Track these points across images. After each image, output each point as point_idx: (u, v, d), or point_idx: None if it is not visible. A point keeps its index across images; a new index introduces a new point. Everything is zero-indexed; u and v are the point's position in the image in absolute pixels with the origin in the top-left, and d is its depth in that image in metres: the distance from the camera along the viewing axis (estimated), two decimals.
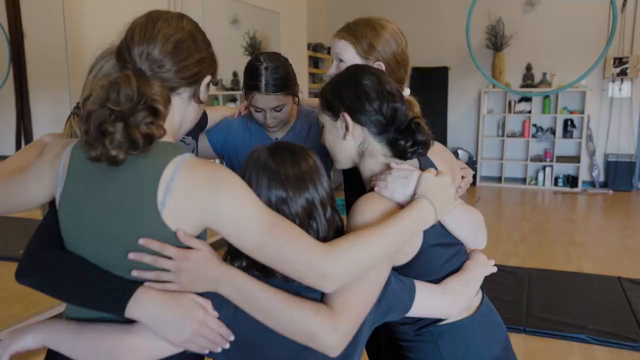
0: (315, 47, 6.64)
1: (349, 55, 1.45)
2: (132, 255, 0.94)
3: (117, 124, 0.92)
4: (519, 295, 3.76)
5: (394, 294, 1.14)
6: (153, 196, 0.93)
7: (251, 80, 1.70)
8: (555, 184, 7.60)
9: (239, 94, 6.92)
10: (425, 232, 1.16)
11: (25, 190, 1.04)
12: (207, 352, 0.99)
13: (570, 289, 3.90)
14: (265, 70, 1.68)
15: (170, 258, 0.94)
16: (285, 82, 1.70)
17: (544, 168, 7.65)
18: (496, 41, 7.53)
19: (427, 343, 1.24)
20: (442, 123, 8.08)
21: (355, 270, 0.99)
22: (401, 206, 1.11)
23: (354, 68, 1.26)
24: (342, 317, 1.00)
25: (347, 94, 1.19)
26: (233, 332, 1.00)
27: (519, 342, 3.16)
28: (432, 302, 1.19)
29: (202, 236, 1.00)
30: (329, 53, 7.00)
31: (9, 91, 4.52)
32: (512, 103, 7.67)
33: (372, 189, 1.17)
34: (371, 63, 1.43)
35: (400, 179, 1.14)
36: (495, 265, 1.36)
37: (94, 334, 0.95)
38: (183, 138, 1.70)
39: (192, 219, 0.95)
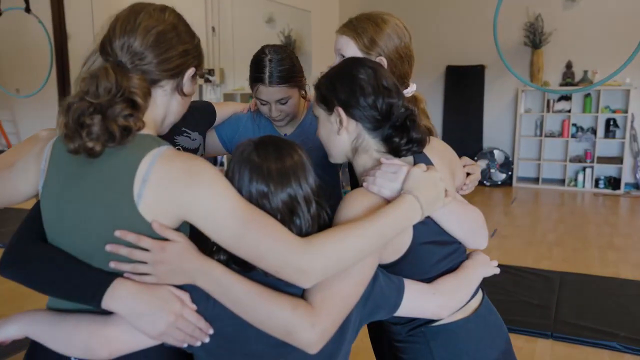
0: None
1: (350, 50, 1.43)
2: (109, 247, 0.94)
3: (95, 117, 0.93)
4: (548, 300, 3.64)
5: (382, 292, 1.11)
6: (129, 188, 0.93)
7: (255, 72, 1.70)
8: (596, 185, 7.33)
9: None
10: (415, 229, 1.13)
11: (13, 184, 1.05)
12: (185, 345, 0.98)
13: (603, 295, 3.74)
14: (270, 62, 1.68)
15: (147, 250, 0.94)
16: (289, 74, 1.69)
17: (584, 169, 7.38)
18: (534, 38, 7.32)
19: (419, 344, 1.20)
20: (478, 123, 7.92)
21: (332, 266, 0.97)
22: (389, 202, 1.08)
23: (351, 61, 1.23)
24: (321, 313, 0.98)
25: (341, 87, 1.17)
26: (212, 325, 0.99)
27: (545, 347, 3.06)
28: (421, 302, 1.15)
29: (182, 229, 0.99)
30: None
31: (52, 90, 4.67)
32: (551, 102, 7.44)
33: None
34: (373, 58, 1.40)
35: (389, 174, 1.11)
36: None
37: (71, 325, 0.96)
38: (189, 134, 1.71)
39: (169, 211, 0.95)
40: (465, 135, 7.97)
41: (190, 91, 1.11)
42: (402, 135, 1.16)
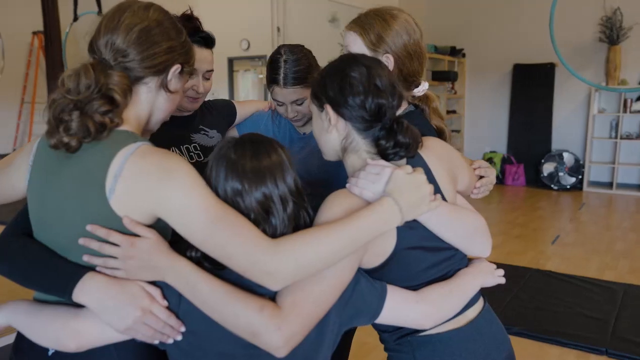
0: None
1: (357, 47, 1.38)
2: (81, 241, 0.96)
3: (74, 113, 0.96)
4: (607, 313, 3.40)
5: (363, 297, 1.07)
6: (102, 182, 0.95)
7: (271, 73, 1.69)
8: None
9: None
10: (400, 233, 1.08)
11: (9, 181, 1.10)
12: (156, 342, 0.99)
13: None
14: (285, 63, 1.66)
15: (117, 245, 0.96)
16: (305, 75, 1.67)
17: None
18: (612, 34, 6.87)
19: (405, 354, 1.14)
20: (546, 123, 7.55)
21: (302, 269, 0.95)
22: None
23: (346, 58, 1.19)
24: (289, 316, 0.95)
25: (331, 85, 1.14)
26: (185, 323, 1.00)
27: None
28: (403, 310, 1.09)
29: (160, 225, 1.00)
30: None
31: None
32: (629, 102, 6.95)
33: None
34: (380, 55, 1.35)
35: (372, 175, 1.06)
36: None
37: (45, 316, 0.99)
38: (206, 131, 1.73)
39: (140, 207, 0.96)
40: (532, 137, 7.63)
41: (176, 88, 1.11)
42: (388, 139, 1.11)
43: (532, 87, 7.56)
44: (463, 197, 1.28)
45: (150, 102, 1.08)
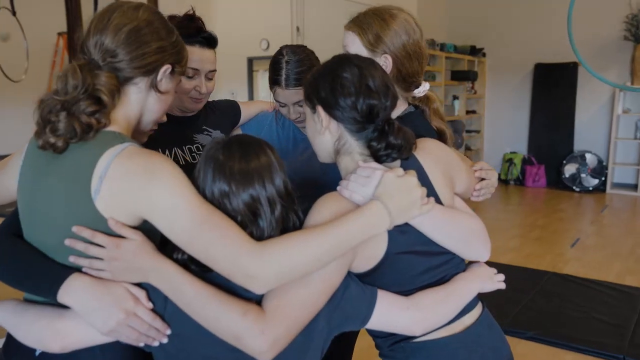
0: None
1: (355, 47, 1.36)
2: (67, 242, 0.96)
3: (61, 113, 0.96)
4: (626, 319, 3.31)
5: (352, 302, 1.05)
6: (87, 184, 0.94)
7: (273, 74, 1.68)
8: None
9: None
10: (391, 238, 1.05)
11: (3, 183, 1.11)
12: (141, 344, 0.98)
13: None
14: (287, 64, 1.65)
15: (102, 246, 0.95)
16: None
17: None
18: (637, 32, 6.70)
19: None
20: (569, 124, 7.39)
21: (285, 273, 0.93)
22: None
23: (339, 58, 1.17)
24: (273, 320, 0.94)
25: (323, 86, 1.12)
26: (170, 326, 0.99)
27: None
28: (393, 316, 1.07)
29: (144, 227, 0.99)
30: (441, 49, 6.75)
31: None
32: None
33: None
34: (378, 55, 1.33)
35: (362, 178, 1.05)
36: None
37: (31, 316, 0.99)
38: (209, 132, 1.72)
39: (125, 208, 0.95)
40: (554, 138, 7.49)
41: (167, 88, 1.10)
42: (380, 140, 1.09)
43: (554, 87, 7.41)
44: (462, 200, 1.25)
45: (140, 103, 1.08)
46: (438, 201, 1.14)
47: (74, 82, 0.97)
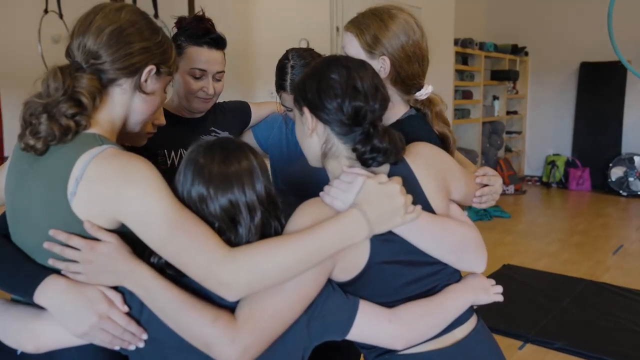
0: (463, 43, 6.26)
1: (353, 48, 1.33)
2: (45, 245, 0.97)
3: (42, 116, 0.97)
4: None
5: (331, 312, 1.02)
6: (64, 186, 0.95)
7: (278, 78, 1.66)
8: None
9: None
10: (373, 247, 1.02)
11: (2, 184, 1.13)
12: (116, 347, 0.99)
13: None
14: (292, 68, 1.63)
15: (78, 249, 0.96)
16: None
17: None
18: None
19: None
20: (616, 125, 7.08)
21: (257, 280, 0.92)
22: None
23: (327, 60, 1.15)
24: (244, 329, 0.93)
25: (310, 87, 1.09)
26: (147, 330, 0.99)
27: None
28: (373, 328, 1.04)
29: (123, 231, 1.00)
30: (480, 49, 6.58)
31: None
32: None
33: None
34: (376, 57, 1.30)
35: (344, 184, 1.02)
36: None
37: (10, 316, 1.00)
38: (217, 133, 1.73)
39: (101, 211, 0.96)
40: (600, 140, 7.19)
41: (153, 89, 1.10)
42: (365, 144, 1.06)
43: (600, 87, 7.11)
44: (458, 207, 1.20)
45: (125, 104, 1.08)
46: (428, 209, 1.10)
47: (55, 85, 0.98)
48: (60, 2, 5.14)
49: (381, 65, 1.30)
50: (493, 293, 1.19)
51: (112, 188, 0.94)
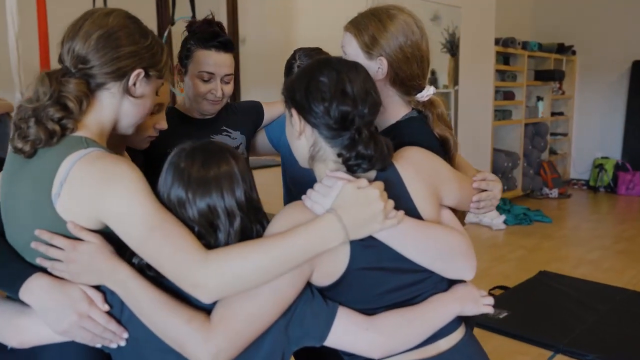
0: (505, 42, 6.09)
1: (351, 48, 1.32)
2: (33, 244, 1.01)
3: (30, 120, 1.00)
4: None
5: (311, 316, 1.01)
6: (49, 187, 0.98)
7: (286, 78, 1.66)
8: None
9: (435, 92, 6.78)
10: (354, 252, 1.00)
11: None
12: (98, 345, 1.01)
13: None
14: (299, 68, 1.63)
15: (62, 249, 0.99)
16: None
17: None
18: None
19: None
20: None
21: (229, 283, 0.92)
22: None
23: (318, 61, 1.13)
24: (217, 331, 0.94)
25: (298, 89, 1.08)
26: (127, 329, 1.00)
27: None
28: (351, 336, 1.02)
29: (108, 231, 1.02)
30: (523, 48, 6.39)
31: None
32: None
33: None
34: (374, 58, 1.28)
35: (325, 188, 1.00)
36: None
37: (0, 310, 1.04)
38: (229, 132, 1.74)
39: (84, 212, 0.98)
40: None
41: (142, 92, 1.11)
42: (350, 149, 1.03)
43: None
44: (451, 213, 1.17)
45: (114, 108, 1.10)
46: (415, 214, 1.07)
47: (43, 90, 1.01)
48: (107, 4, 5.35)
49: (379, 67, 1.28)
50: (483, 304, 1.14)
51: (95, 189, 0.96)
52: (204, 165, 1.00)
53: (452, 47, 5.88)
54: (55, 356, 1.03)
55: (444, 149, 1.34)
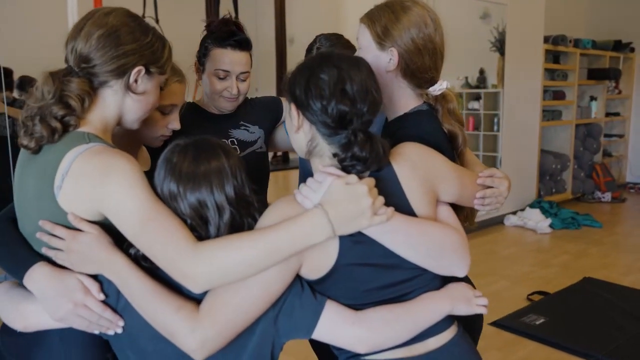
0: (555, 40, 5.88)
1: (365, 40, 1.32)
2: (38, 235, 1.06)
3: (36, 118, 1.06)
4: None
5: (299, 309, 1.02)
6: (51, 180, 1.03)
7: None
8: None
9: (483, 92, 6.63)
10: (343, 247, 1.00)
11: None
12: (95, 332, 1.05)
13: None
14: (318, 50, 1.65)
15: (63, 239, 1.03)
16: None
17: None
18: None
19: None
20: None
21: (216, 274, 0.94)
22: None
23: (321, 56, 1.12)
24: (204, 320, 0.96)
25: (299, 84, 1.07)
26: (123, 317, 1.04)
27: None
28: (337, 330, 1.01)
29: (107, 222, 1.05)
30: (575, 45, 6.15)
31: (271, 93, 5.24)
32: None
33: None
34: (386, 49, 1.27)
35: (315, 183, 1.00)
36: None
37: (9, 297, 1.09)
38: (247, 127, 1.76)
39: (83, 204, 1.02)
40: None
41: (144, 89, 1.14)
42: (346, 150, 1.03)
43: None
44: (449, 210, 1.14)
45: (117, 104, 1.13)
46: (409, 211, 1.05)
47: (47, 89, 1.06)
48: (157, 7, 5.53)
49: (390, 58, 1.28)
50: (476, 304, 1.11)
51: (94, 182, 1.00)
52: (194, 161, 1.03)
53: (502, 45, 5.73)
54: (56, 341, 1.08)
55: (452, 145, 1.31)
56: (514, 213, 5.54)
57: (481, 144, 6.77)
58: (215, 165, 1.03)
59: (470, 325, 1.34)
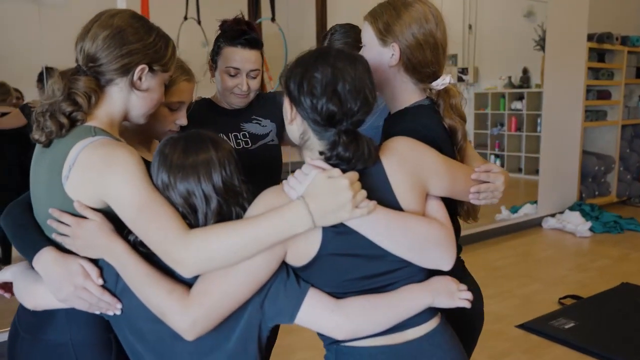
0: (600, 38, 5.69)
1: (367, 36, 1.35)
2: (48, 222, 1.14)
3: (46, 114, 1.14)
4: None
5: (283, 294, 1.07)
6: (59, 171, 1.11)
7: None
8: None
9: (526, 91, 6.50)
10: (325, 238, 1.04)
11: None
12: (96, 312, 1.12)
13: None
14: (332, 35, 1.72)
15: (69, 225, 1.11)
16: (355, 45, 1.70)
17: None
18: None
19: None
20: None
21: (204, 260, 1.00)
22: None
23: (317, 53, 1.14)
24: (193, 303, 1.02)
25: (293, 79, 1.10)
26: (122, 300, 1.11)
27: None
28: (317, 316, 1.06)
29: (110, 210, 1.12)
30: (623, 43, 5.94)
31: None
32: None
33: None
34: (388, 44, 1.30)
35: (302, 175, 1.04)
36: None
37: (23, 277, 1.18)
38: (259, 120, 1.81)
39: (88, 193, 1.10)
40: None
41: (148, 86, 1.21)
42: (332, 149, 1.05)
43: None
44: (439, 204, 1.15)
45: (123, 101, 1.21)
46: (395, 205, 1.07)
47: (57, 87, 1.15)
48: (200, 9, 5.70)
49: (392, 53, 1.31)
50: (459, 298, 1.12)
51: (97, 172, 1.08)
52: (184, 152, 1.09)
53: (545, 44, 5.60)
54: (63, 318, 1.16)
55: (452, 140, 1.32)
56: (553, 215, 5.40)
57: (524, 145, 6.63)
58: (203, 157, 1.08)
59: (470, 325, 1.35)
